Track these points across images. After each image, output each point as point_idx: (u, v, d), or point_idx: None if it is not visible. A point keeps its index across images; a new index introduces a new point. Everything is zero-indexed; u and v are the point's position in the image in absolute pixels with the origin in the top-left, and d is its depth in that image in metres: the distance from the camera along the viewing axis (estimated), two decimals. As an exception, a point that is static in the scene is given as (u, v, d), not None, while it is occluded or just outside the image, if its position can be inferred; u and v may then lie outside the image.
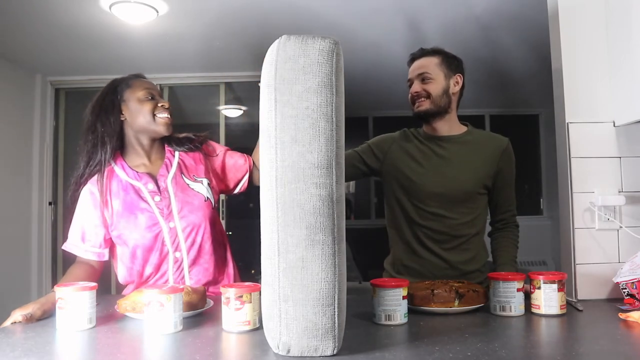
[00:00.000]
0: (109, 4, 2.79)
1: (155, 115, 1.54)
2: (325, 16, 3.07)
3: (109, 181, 1.51)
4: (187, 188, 1.54)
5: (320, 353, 0.91)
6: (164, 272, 1.51)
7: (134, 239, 1.46)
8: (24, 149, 4.02)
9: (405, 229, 1.70)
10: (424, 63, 1.67)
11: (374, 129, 5.65)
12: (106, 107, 1.53)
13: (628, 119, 1.44)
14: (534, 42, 3.34)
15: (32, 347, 1.00)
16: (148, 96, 1.55)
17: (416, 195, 1.67)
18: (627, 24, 1.43)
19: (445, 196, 1.64)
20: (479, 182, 1.65)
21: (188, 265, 1.51)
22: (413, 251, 1.68)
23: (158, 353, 1.00)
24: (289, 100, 0.91)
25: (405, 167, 1.69)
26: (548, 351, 0.99)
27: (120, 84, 1.57)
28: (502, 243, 1.68)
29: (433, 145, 1.69)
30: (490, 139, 1.71)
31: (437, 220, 1.64)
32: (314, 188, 0.90)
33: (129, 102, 1.54)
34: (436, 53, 1.69)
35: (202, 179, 1.58)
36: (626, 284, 1.32)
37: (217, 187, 1.65)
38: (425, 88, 1.66)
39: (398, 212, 1.71)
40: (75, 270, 1.48)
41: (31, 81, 4.10)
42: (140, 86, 1.56)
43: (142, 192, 1.50)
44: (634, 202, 1.50)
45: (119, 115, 1.54)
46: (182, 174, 1.56)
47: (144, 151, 1.57)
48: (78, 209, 1.51)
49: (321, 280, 0.89)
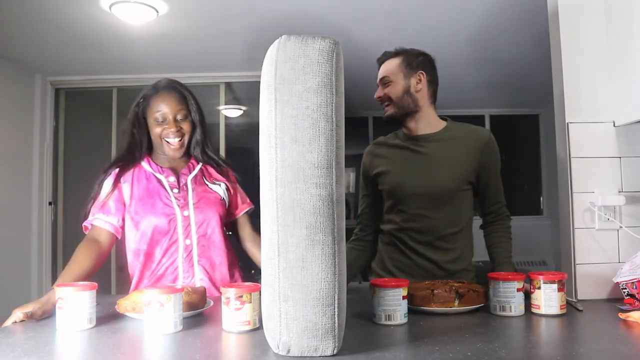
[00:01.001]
0: (109, 4, 2.79)
1: (163, 139, 1.59)
2: (325, 16, 3.07)
3: (134, 170, 1.60)
4: (205, 186, 1.63)
5: (320, 353, 0.91)
6: (173, 259, 1.54)
7: (149, 219, 1.53)
8: (24, 149, 4.02)
9: (390, 231, 1.69)
10: (386, 67, 1.67)
11: (374, 129, 5.64)
12: (132, 117, 1.63)
13: (628, 119, 1.44)
14: (534, 42, 3.34)
15: (32, 347, 1.00)
16: (159, 119, 1.58)
17: (398, 197, 1.66)
18: (627, 24, 1.43)
19: (427, 196, 1.62)
20: (462, 178, 1.62)
21: (197, 254, 1.55)
22: (400, 252, 1.67)
23: (158, 353, 1.00)
24: (289, 100, 0.91)
25: (384, 172, 1.69)
26: (548, 351, 0.99)
27: (145, 97, 1.62)
28: (497, 239, 1.67)
29: (411, 145, 1.68)
30: (471, 133, 1.67)
31: (421, 221, 1.63)
32: (314, 188, 0.90)
33: (148, 119, 1.61)
34: (398, 54, 1.67)
35: (220, 183, 1.65)
36: (626, 284, 1.32)
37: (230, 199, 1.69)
38: (386, 92, 1.65)
39: (386, 216, 1.72)
40: (82, 249, 1.49)
41: (31, 81, 4.10)
42: (155, 106, 1.59)
43: (163, 182, 1.59)
44: (634, 202, 1.50)
45: (145, 127, 1.62)
46: (203, 176, 1.65)
47: (168, 157, 1.64)
48: (103, 190, 1.58)
49: (321, 280, 0.89)
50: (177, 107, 1.59)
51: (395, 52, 1.69)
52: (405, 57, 1.66)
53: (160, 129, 1.58)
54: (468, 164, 1.62)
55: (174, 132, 1.57)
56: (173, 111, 1.58)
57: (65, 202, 4.36)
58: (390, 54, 1.69)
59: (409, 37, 3.36)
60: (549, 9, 1.64)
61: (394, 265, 1.68)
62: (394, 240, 1.69)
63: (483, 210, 1.73)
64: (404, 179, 1.65)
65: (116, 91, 4.35)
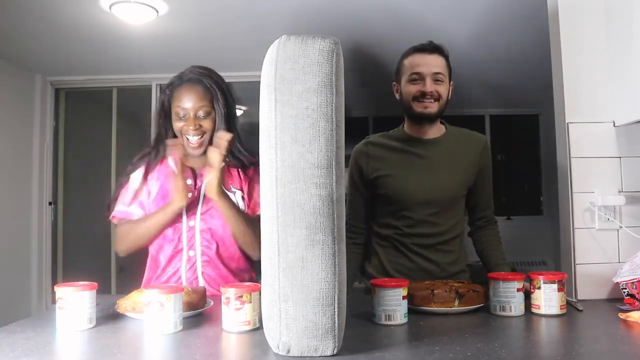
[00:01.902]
0: (109, 4, 2.79)
1: (183, 135, 1.51)
2: (325, 16, 3.07)
3: (160, 166, 1.55)
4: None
5: (320, 353, 0.91)
6: (177, 269, 1.51)
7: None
8: (24, 149, 4.02)
9: (391, 236, 1.64)
10: (438, 62, 1.57)
11: (374, 129, 5.64)
12: (159, 107, 1.56)
13: (628, 119, 1.44)
14: (534, 42, 3.34)
15: (32, 347, 1.00)
16: (180, 114, 1.49)
17: (402, 203, 1.61)
18: (627, 24, 1.43)
19: (434, 202, 1.59)
20: (465, 183, 1.62)
21: (202, 265, 1.50)
22: (402, 256, 1.63)
23: (158, 353, 1.00)
24: (289, 100, 0.91)
25: (385, 176, 1.63)
26: (548, 351, 0.99)
27: (170, 86, 1.53)
28: (490, 243, 1.66)
29: (416, 149, 1.63)
30: (470, 137, 1.67)
31: (426, 226, 1.60)
32: (314, 188, 0.90)
33: (172, 111, 1.53)
34: (443, 53, 1.59)
35: (236, 190, 1.54)
36: (626, 284, 1.32)
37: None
38: (437, 89, 1.56)
39: (385, 220, 1.66)
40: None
41: (31, 81, 4.10)
42: (177, 99, 1.50)
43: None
44: (634, 202, 1.50)
45: (170, 118, 1.54)
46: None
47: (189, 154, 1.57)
48: (131, 184, 1.55)
49: (321, 280, 0.89)
50: (198, 103, 1.48)
51: (441, 49, 1.58)
52: (447, 60, 1.60)
53: (181, 124, 1.49)
54: (470, 169, 1.63)
55: (193, 130, 1.48)
56: (194, 107, 1.48)
57: (65, 202, 4.36)
58: (438, 49, 1.58)
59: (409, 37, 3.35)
60: (549, 9, 1.63)
61: (394, 268, 1.64)
62: (396, 244, 1.64)
63: (474, 217, 1.70)
64: (409, 185, 1.60)
65: (116, 91, 4.35)
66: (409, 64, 1.60)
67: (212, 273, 1.51)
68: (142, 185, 1.53)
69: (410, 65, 1.59)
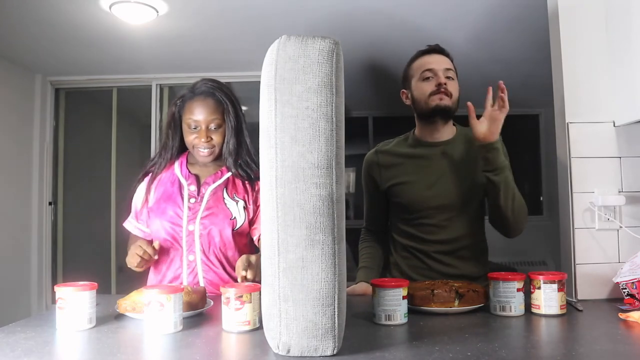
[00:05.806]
0: (109, 4, 2.79)
1: (194, 146, 1.55)
2: (325, 16, 3.07)
3: (164, 173, 1.61)
4: (221, 202, 1.55)
5: (320, 353, 0.91)
6: (178, 274, 1.53)
7: (156, 223, 1.54)
8: (24, 149, 4.02)
9: (409, 244, 1.62)
10: (447, 60, 1.60)
11: (374, 129, 5.64)
12: (169, 118, 1.60)
13: (628, 119, 1.44)
14: (534, 42, 3.34)
15: (32, 347, 1.00)
16: (192, 126, 1.53)
17: (419, 210, 1.58)
18: (627, 24, 1.43)
19: (453, 206, 1.57)
20: (480, 185, 1.57)
21: (202, 270, 1.52)
22: (421, 263, 1.60)
23: (158, 353, 1.00)
24: (289, 100, 0.91)
25: (399, 184, 1.61)
26: (548, 351, 0.99)
27: (182, 99, 1.57)
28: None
29: (430, 152, 1.61)
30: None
31: (446, 232, 1.57)
32: (314, 188, 0.90)
33: (183, 122, 1.57)
34: (449, 55, 1.62)
35: (239, 200, 1.56)
36: (626, 284, 1.32)
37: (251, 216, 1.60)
38: (449, 86, 1.57)
39: (403, 227, 1.63)
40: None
41: (31, 81, 4.10)
42: (189, 112, 1.54)
43: (184, 189, 1.55)
44: (634, 202, 1.50)
45: (180, 129, 1.59)
46: (225, 188, 1.57)
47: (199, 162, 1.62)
48: (136, 197, 1.61)
49: (321, 280, 0.89)
50: (210, 117, 1.53)
51: (446, 51, 1.61)
52: (453, 62, 1.62)
53: (192, 137, 1.54)
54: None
55: (204, 143, 1.53)
56: (206, 120, 1.52)
57: (65, 202, 4.36)
58: (445, 52, 1.61)
59: (409, 37, 3.36)
60: (549, 9, 1.63)
61: (415, 272, 1.61)
62: (415, 252, 1.61)
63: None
64: (427, 191, 1.57)
65: (116, 91, 4.34)
66: (419, 64, 1.62)
67: (213, 277, 1.53)
68: (146, 199, 1.59)
69: (420, 65, 1.61)
